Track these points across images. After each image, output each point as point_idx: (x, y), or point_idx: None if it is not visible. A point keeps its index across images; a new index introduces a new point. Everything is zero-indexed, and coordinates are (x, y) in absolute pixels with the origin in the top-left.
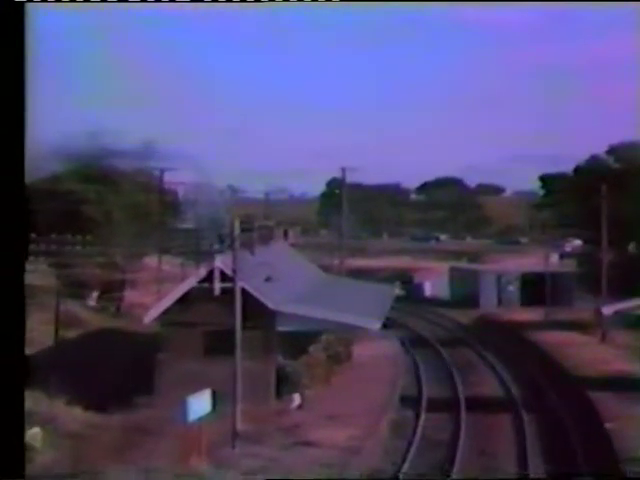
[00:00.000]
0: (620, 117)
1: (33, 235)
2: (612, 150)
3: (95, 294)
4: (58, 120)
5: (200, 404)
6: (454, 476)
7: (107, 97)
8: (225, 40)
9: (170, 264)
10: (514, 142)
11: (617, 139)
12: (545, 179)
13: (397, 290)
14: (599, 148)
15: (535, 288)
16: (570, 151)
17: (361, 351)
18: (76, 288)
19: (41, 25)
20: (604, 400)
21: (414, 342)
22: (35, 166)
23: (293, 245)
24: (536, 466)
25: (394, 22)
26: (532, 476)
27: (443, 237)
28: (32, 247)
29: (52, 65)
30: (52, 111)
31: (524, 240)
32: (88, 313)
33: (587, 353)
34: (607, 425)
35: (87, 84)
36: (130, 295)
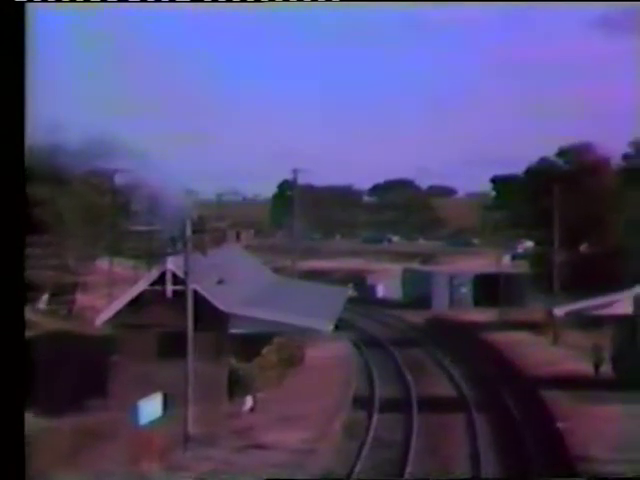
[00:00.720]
0: (571, 118)
1: None
2: (562, 152)
3: (46, 297)
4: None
5: (151, 407)
6: (407, 476)
7: (107, 97)
8: (186, 42)
9: (122, 266)
10: (465, 144)
11: (567, 141)
12: (496, 181)
13: (350, 292)
14: (549, 150)
15: (487, 289)
16: (520, 153)
17: (314, 353)
18: (26, 290)
19: (41, 25)
20: (556, 399)
21: (367, 343)
22: None
23: (246, 247)
24: (488, 465)
25: (352, 21)
26: (484, 477)
27: (395, 239)
28: None
29: (52, 65)
30: (52, 111)
31: (476, 241)
32: (38, 316)
33: (539, 353)
34: (559, 424)
35: (87, 83)
36: (82, 298)
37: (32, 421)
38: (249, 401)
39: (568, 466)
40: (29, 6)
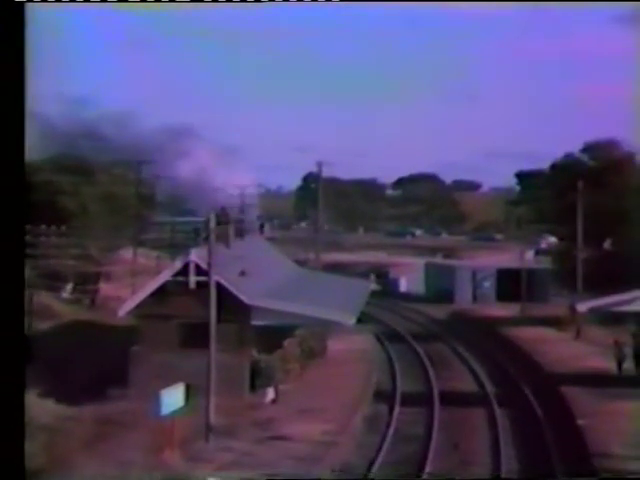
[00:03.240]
0: (597, 115)
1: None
2: (588, 148)
3: (69, 286)
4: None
5: (174, 397)
6: (427, 470)
7: (106, 97)
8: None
9: (146, 257)
10: (490, 139)
11: (593, 137)
12: (521, 176)
13: (372, 285)
14: (575, 146)
15: (510, 284)
16: (546, 148)
17: (336, 346)
18: (50, 280)
19: (41, 25)
20: (577, 396)
21: (389, 337)
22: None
23: (269, 239)
24: (509, 461)
25: (373, 15)
26: (506, 475)
27: (418, 232)
28: None
29: (51, 64)
30: (51, 111)
31: (500, 236)
32: (62, 305)
33: (561, 349)
34: (579, 421)
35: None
36: (105, 288)
37: (54, 409)
38: (270, 393)
39: (588, 463)
40: (29, 6)
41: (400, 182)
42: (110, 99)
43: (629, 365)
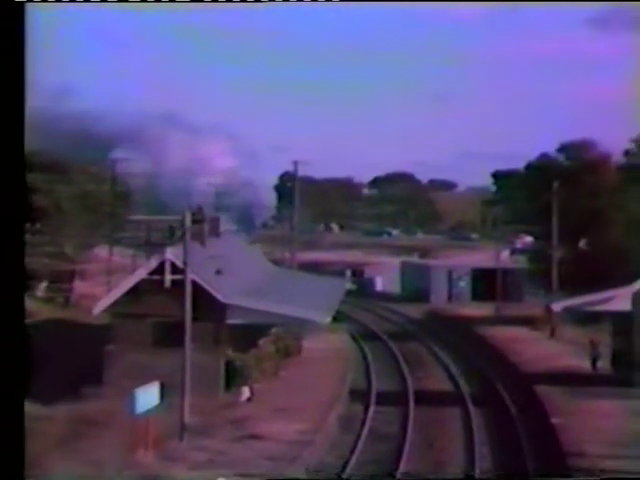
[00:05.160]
0: (571, 115)
1: None
2: (563, 148)
3: (44, 284)
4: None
5: (148, 396)
6: (402, 469)
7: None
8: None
9: (121, 255)
10: (466, 139)
11: (568, 137)
12: (497, 176)
13: (348, 284)
14: (550, 146)
15: (486, 284)
16: (521, 149)
17: (311, 345)
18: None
19: (41, 25)
20: (551, 395)
21: (364, 336)
22: None
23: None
24: (483, 460)
25: (351, 16)
26: (480, 474)
27: (394, 232)
28: None
29: (51, 64)
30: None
31: (475, 236)
32: (36, 303)
33: (536, 348)
34: (554, 420)
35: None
36: (79, 286)
37: (28, 408)
38: (245, 392)
39: (562, 462)
40: (29, 6)
41: (376, 181)
42: (95, 91)
43: (603, 364)
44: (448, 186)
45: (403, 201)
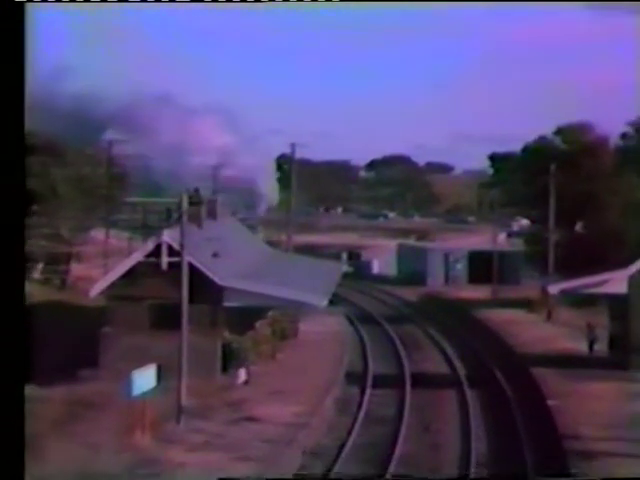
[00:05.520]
0: (568, 99)
1: None
2: (559, 131)
3: (40, 266)
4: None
5: (145, 379)
6: (398, 452)
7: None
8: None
9: (117, 238)
10: (463, 122)
11: (564, 120)
12: (494, 159)
13: (344, 267)
14: (546, 129)
15: (482, 266)
16: (518, 132)
17: (307, 327)
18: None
19: (41, 25)
20: (547, 377)
21: (361, 319)
22: None
23: (242, 220)
24: (479, 442)
25: (351, 8)
26: (476, 457)
27: (391, 215)
28: None
29: (51, 65)
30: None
31: (472, 219)
32: (33, 286)
33: (532, 331)
34: (550, 402)
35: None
36: (76, 268)
37: (25, 390)
38: (242, 374)
39: (558, 444)
40: (29, 6)
41: (373, 164)
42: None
43: (600, 347)
44: (445, 169)
45: (400, 184)
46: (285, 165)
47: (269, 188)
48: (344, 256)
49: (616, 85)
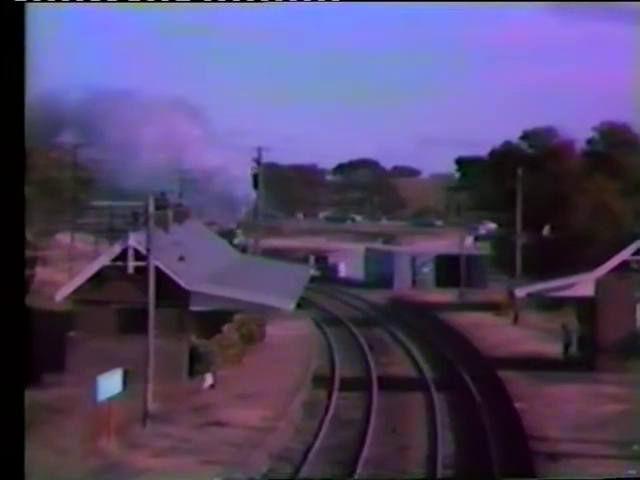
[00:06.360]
0: (535, 103)
1: None
2: (526, 135)
3: None
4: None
5: (111, 383)
6: (365, 455)
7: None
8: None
9: (83, 241)
10: (430, 126)
11: (531, 124)
12: (461, 162)
13: (312, 270)
14: (513, 133)
15: (449, 270)
16: (485, 136)
17: (274, 331)
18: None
19: (41, 25)
20: (515, 380)
21: (328, 322)
22: None
23: (208, 224)
24: (446, 444)
25: (314, 9)
26: (443, 460)
27: (358, 218)
28: None
29: (51, 64)
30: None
31: (439, 222)
32: None
33: (499, 334)
34: (517, 405)
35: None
36: (41, 272)
37: None
38: (209, 378)
39: (525, 446)
40: (29, 6)
41: (340, 168)
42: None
43: (571, 349)
44: (412, 173)
45: (367, 188)
46: (252, 169)
47: (246, 191)
48: (312, 260)
49: (582, 88)
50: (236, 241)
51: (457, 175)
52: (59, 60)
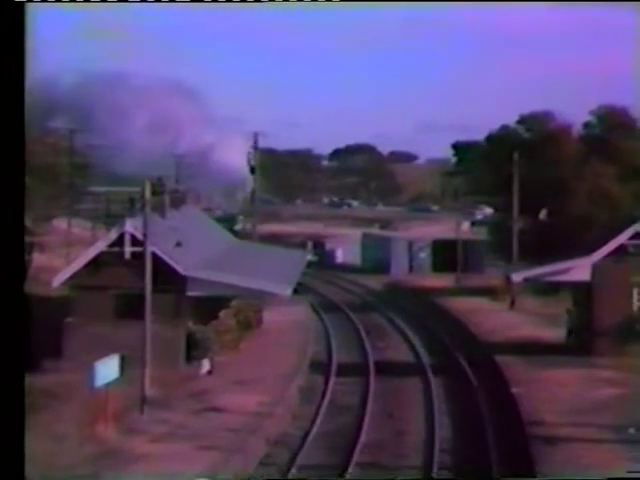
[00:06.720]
0: (531, 88)
1: None
2: (522, 120)
3: None
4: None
5: (108, 369)
6: (362, 440)
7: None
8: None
9: (80, 227)
10: (427, 111)
11: (528, 109)
12: (457, 147)
13: (309, 256)
14: (510, 118)
15: (446, 255)
16: (481, 121)
17: (271, 317)
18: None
19: (41, 25)
20: (511, 365)
21: (325, 308)
22: None
23: (205, 210)
24: (443, 429)
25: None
26: (440, 445)
27: (355, 204)
28: None
29: (51, 65)
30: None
31: (436, 207)
32: None
33: (496, 319)
34: (514, 389)
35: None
36: (38, 258)
37: None
38: (206, 364)
39: (522, 430)
40: (29, 6)
41: (336, 153)
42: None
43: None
44: (409, 158)
45: (364, 173)
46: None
47: (245, 176)
48: (309, 245)
49: (579, 73)
50: (237, 227)
51: (454, 160)
52: (56, 51)
